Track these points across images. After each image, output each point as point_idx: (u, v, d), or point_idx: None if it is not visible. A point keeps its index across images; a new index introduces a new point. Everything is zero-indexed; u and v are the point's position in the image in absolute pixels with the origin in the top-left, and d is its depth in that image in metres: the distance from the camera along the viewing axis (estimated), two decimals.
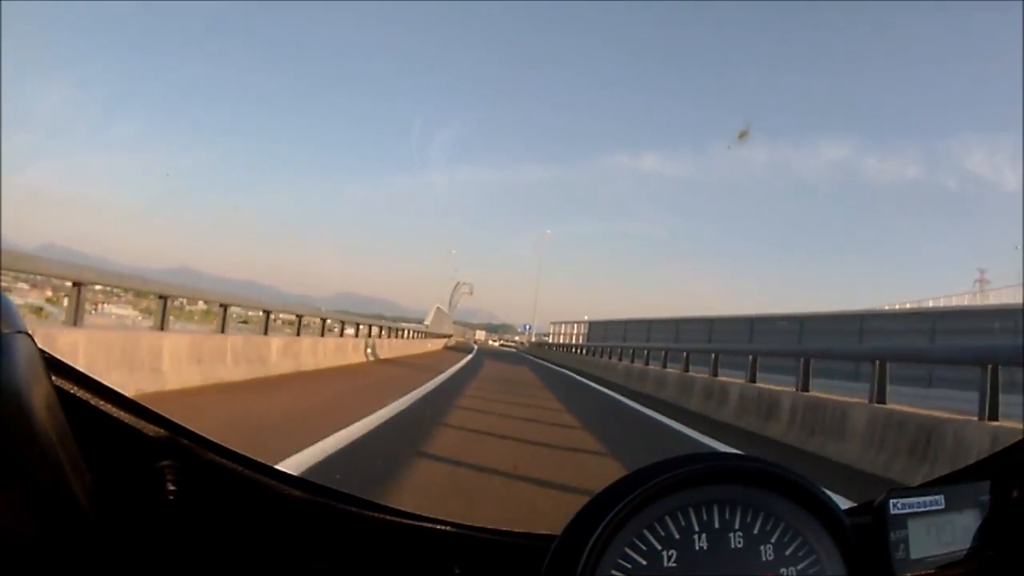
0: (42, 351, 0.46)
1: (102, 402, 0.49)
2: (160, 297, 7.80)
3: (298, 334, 12.40)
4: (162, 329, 7.66)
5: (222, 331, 9.25)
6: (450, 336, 50.90)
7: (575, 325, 50.23)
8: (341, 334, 16.48)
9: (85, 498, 0.47)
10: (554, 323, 57.33)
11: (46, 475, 0.43)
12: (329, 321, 15.48)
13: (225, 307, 9.39)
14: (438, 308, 40.70)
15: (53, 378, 0.47)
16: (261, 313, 11.15)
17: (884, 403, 6.80)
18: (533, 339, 66.42)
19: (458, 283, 79.35)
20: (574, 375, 21.86)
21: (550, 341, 52.53)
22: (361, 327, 18.35)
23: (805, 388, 8.44)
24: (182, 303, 10.90)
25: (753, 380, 10.08)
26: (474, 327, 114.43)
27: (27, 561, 0.45)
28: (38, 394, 0.43)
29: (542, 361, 34.80)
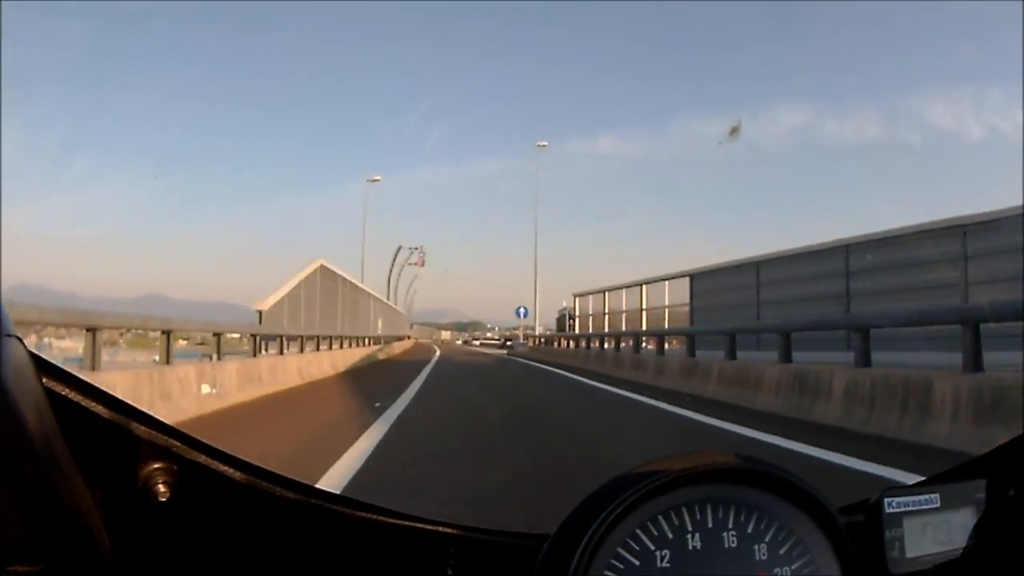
0: (32, 354, 0.46)
1: (93, 404, 0.49)
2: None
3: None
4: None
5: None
6: (402, 339, 30.46)
7: (642, 290, 21.41)
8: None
9: (76, 500, 0.47)
10: (579, 295, 27.50)
11: (37, 477, 0.44)
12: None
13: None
14: (323, 268, 17.65)
15: (43, 380, 0.47)
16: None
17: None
18: (538, 331, 37.92)
19: (399, 247, 50.28)
20: None
21: (578, 331, 26.10)
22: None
23: None
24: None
25: None
26: (441, 327, 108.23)
27: (19, 563, 0.45)
28: (28, 397, 0.43)
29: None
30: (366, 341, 22.69)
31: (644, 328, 19.91)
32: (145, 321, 8.13)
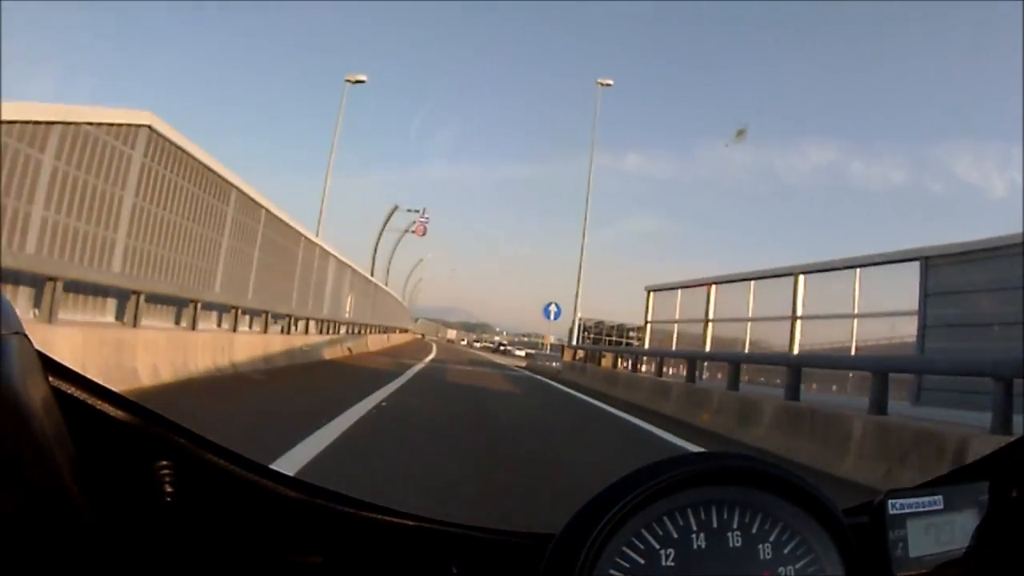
0: (39, 352, 0.46)
1: (99, 402, 0.49)
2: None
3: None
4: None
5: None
6: (390, 331, 26.12)
7: (797, 282, 10.56)
8: None
9: (82, 498, 0.47)
10: (655, 289, 15.73)
11: (43, 475, 0.43)
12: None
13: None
14: (153, 133, 7.65)
15: (50, 379, 0.47)
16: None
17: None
18: (573, 342, 25.10)
19: (395, 207, 42.78)
20: None
21: (648, 343, 16.02)
22: None
23: None
24: None
25: None
26: (449, 325, 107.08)
27: (25, 561, 0.45)
28: (35, 395, 0.43)
29: None
30: (306, 325, 14.02)
31: (795, 350, 10.33)
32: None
